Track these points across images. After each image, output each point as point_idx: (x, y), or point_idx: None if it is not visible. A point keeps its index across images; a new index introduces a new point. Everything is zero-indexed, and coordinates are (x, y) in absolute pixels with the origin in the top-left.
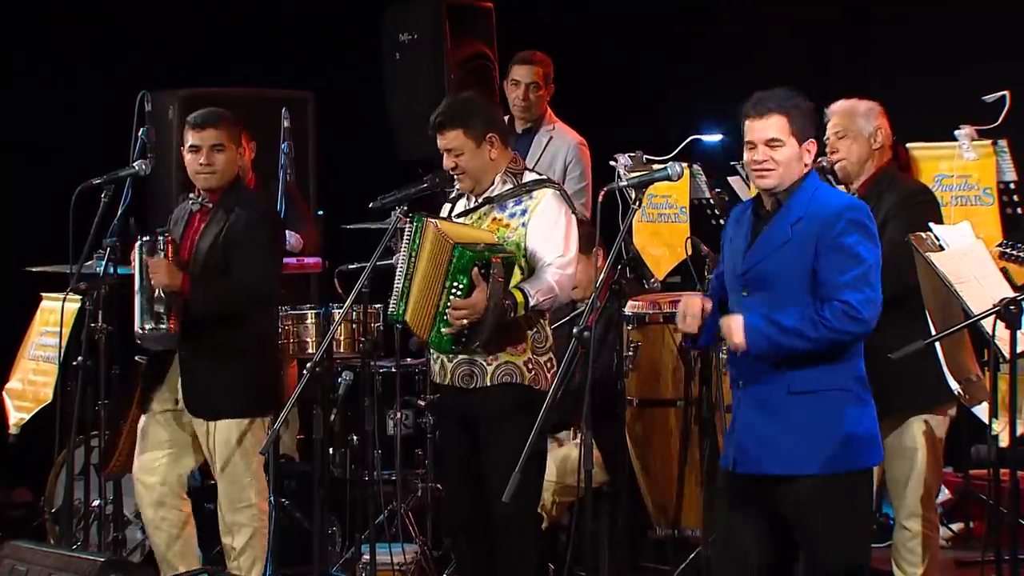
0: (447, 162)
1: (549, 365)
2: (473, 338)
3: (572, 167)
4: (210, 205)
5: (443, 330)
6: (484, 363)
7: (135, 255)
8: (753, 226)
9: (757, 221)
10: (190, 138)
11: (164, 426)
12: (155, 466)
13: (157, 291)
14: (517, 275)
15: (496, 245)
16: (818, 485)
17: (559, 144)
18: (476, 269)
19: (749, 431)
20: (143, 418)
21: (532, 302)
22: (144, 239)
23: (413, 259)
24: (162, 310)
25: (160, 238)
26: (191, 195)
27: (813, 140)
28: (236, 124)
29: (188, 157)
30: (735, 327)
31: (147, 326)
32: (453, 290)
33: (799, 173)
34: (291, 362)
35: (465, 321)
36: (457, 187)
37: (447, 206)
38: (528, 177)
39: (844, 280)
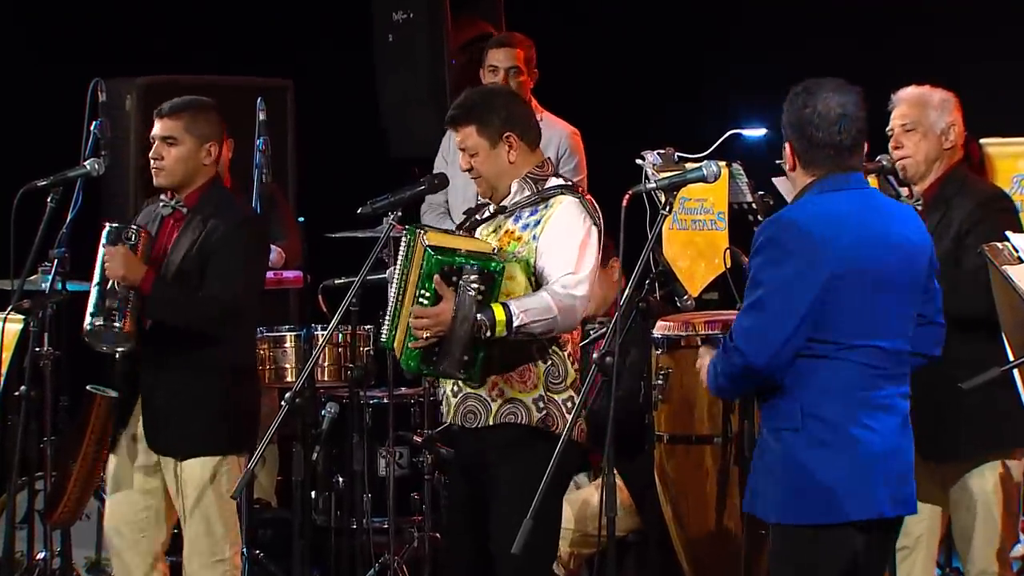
0: (462, 162)
1: (569, 404)
2: (443, 358)
3: (566, 159)
4: (184, 209)
5: (409, 344)
6: (488, 399)
7: (101, 243)
8: None
9: None
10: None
11: (134, 471)
12: (137, 519)
13: (111, 283)
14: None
15: (484, 254)
16: (777, 533)
17: (549, 136)
18: (440, 275)
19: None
20: (112, 461)
21: (516, 321)
22: (112, 225)
23: (405, 277)
24: (115, 306)
25: (133, 228)
26: (162, 196)
27: (788, 142)
28: (207, 117)
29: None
30: (702, 366)
31: (96, 321)
32: (420, 298)
33: (798, 183)
34: (271, 392)
35: (427, 334)
36: (478, 192)
37: (436, 219)
38: (551, 184)
39: (742, 307)
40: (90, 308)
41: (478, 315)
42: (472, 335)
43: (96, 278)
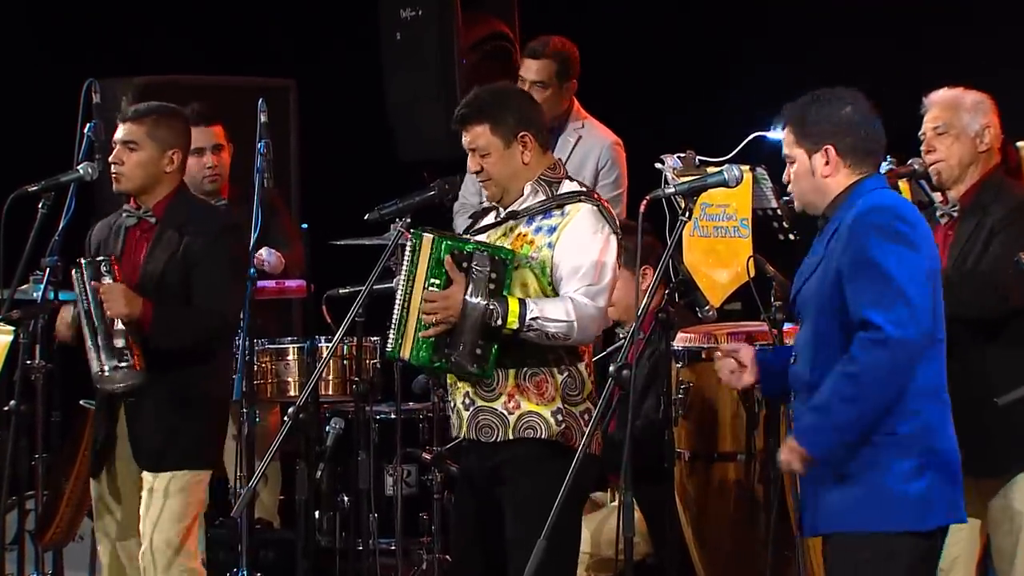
0: (471, 164)
1: (586, 417)
2: (455, 346)
3: (606, 171)
4: (152, 219)
5: (419, 334)
6: (505, 412)
7: (75, 283)
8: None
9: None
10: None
11: (120, 495)
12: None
13: (116, 323)
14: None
15: (496, 246)
16: (842, 543)
17: (590, 144)
18: (450, 257)
19: (807, 486)
20: (93, 485)
21: (531, 314)
22: (85, 261)
23: (410, 283)
24: (123, 344)
25: (103, 259)
26: (126, 206)
27: (829, 146)
28: (171, 124)
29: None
30: (791, 442)
31: (107, 365)
32: (429, 286)
33: (825, 185)
34: (273, 407)
35: (436, 317)
36: (485, 196)
37: (467, 221)
38: (566, 188)
39: (867, 299)
40: (95, 351)
41: (490, 302)
42: (484, 322)
43: (90, 319)
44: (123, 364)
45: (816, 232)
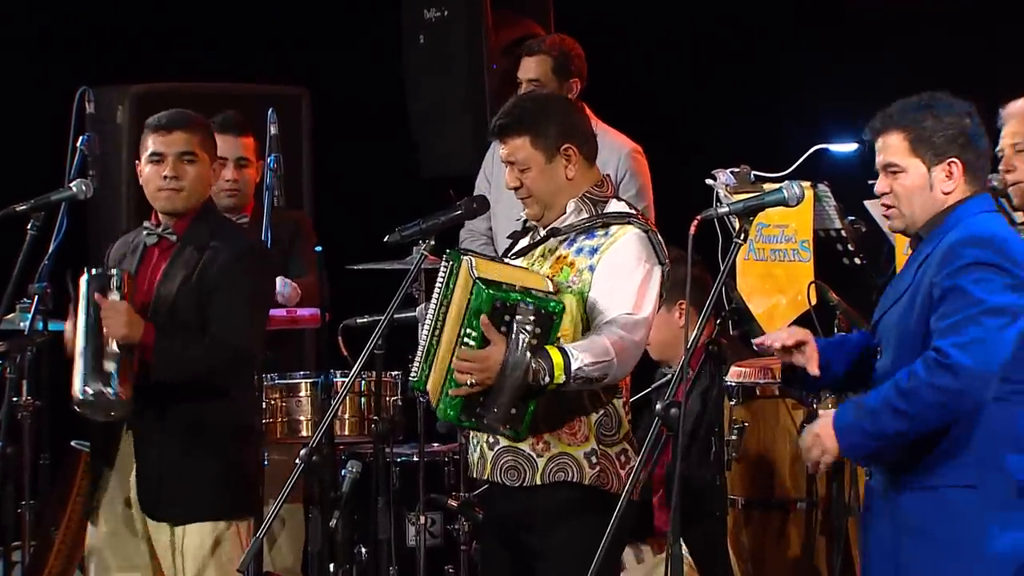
0: (509, 179)
1: (623, 459)
2: (489, 408)
3: (626, 183)
4: (173, 237)
5: (449, 391)
6: (533, 454)
7: (81, 292)
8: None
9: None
10: (151, 143)
11: (120, 544)
12: None
13: (111, 343)
14: (575, 338)
15: (543, 292)
16: None
17: (606, 155)
18: (487, 314)
19: (874, 536)
20: (90, 532)
21: (576, 364)
22: (94, 271)
23: (444, 309)
24: (113, 369)
25: (115, 272)
26: (146, 223)
27: (955, 159)
28: (209, 133)
29: (148, 170)
30: (822, 429)
31: (90, 388)
32: (465, 339)
33: (940, 202)
34: (283, 448)
35: (471, 380)
36: (523, 214)
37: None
38: (613, 207)
39: (944, 324)
40: (82, 371)
41: (533, 361)
42: (524, 384)
43: (85, 334)
44: (108, 391)
45: (883, 253)
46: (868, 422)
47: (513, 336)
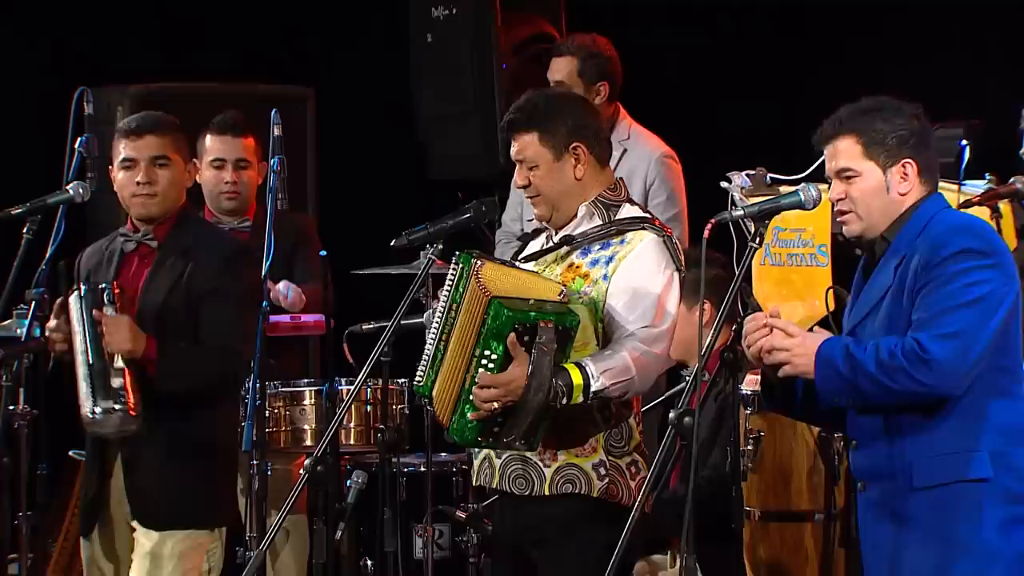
0: (518, 177)
1: (633, 470)
2: (509, 430)
3: (656, 189)
4: (153, 243)
5: (468, 414)
6: (540, 464)
7: (72, 309)
8: (861, 277)
9: (865, 271)
10: (123, 149)
11: (116, 556)
12: None
13: (116, 359)
14: (587, 348)
15: (555, 304)
16: None
17: (637, 158)
18: (514, 334)
19: (876, 550)
20: (83, 545)
21: (595, 386)
22: (83, 287)
23: (453, 313)
24: (120, 384)
25: (105, 286)
26: (122, 229)
27: (909, 160)
28: (183, 134)
29: (120, 176)
30: (802, 341)
31: (100, 407)
32: (483, 360)
33: (898, 204)
34: (286, 457)
35: (495, 405)
36: (534, 215)
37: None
38: (626, 212)
39: (926, 315)
40: (88, 389)
41: (555, 382)
42: (545, 405)
43: (87, 351)
44: (118, 407)
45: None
46: (845, 364)
47: (535, 358)
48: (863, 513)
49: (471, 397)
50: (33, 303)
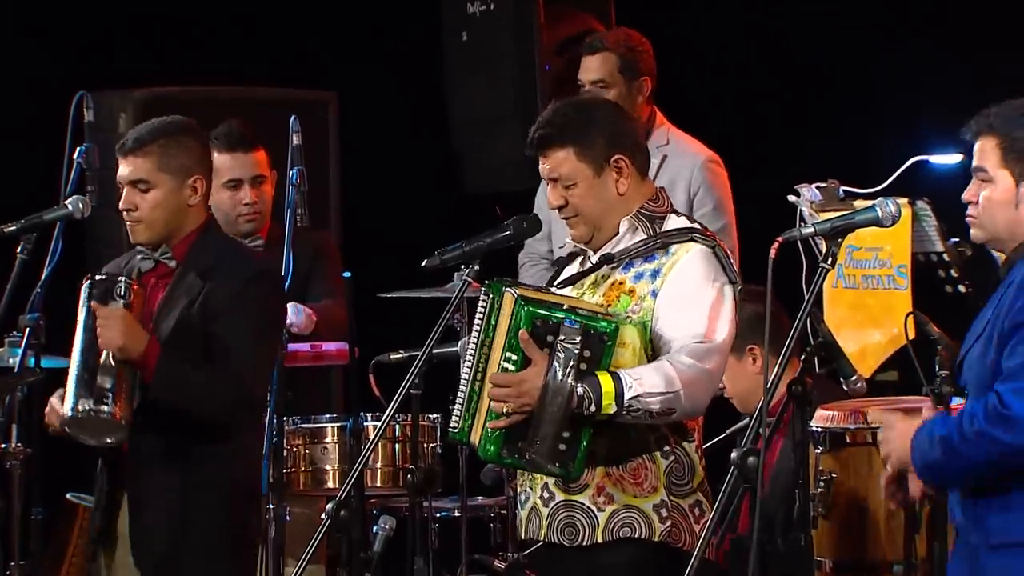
0: (552, 198)
1: (696, 512)
2: (532, 442)
3: (702, 198)
4: (171, 262)
5: (488, 424)
6: (594, 507)
7: (81, 300)
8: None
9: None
10: (119, 169)
11: None
12: None
13: (105, 356)
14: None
15: (590, 308)
16: None
17: (678, 165)
18: (528, 330)
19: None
20: None
21: (629, 394)
22: (96, 278)
23: (485, 350)
24: (108, 384)
25: (122, 280)
26: (139, 246)
27: None
28: (184, 143)
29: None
30: (900, 431)
31: (83, 405)
32: (504, 363)
33: (1023, 223)
34: (320, 501)
35: (508, 407)
36: (569, 238)
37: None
38: (672, 224)
39: (1011, 364)
40: (73, 386)
41: (578, 385)
42: (567, 412)
43: (79, 346)
44: (102, 408)
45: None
46: (926, 444)
47: (553, 355)
48: (953, 559)
49: (491, 405)
50: (28, 330)
